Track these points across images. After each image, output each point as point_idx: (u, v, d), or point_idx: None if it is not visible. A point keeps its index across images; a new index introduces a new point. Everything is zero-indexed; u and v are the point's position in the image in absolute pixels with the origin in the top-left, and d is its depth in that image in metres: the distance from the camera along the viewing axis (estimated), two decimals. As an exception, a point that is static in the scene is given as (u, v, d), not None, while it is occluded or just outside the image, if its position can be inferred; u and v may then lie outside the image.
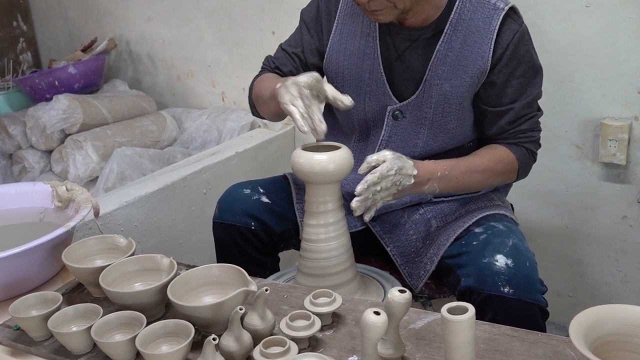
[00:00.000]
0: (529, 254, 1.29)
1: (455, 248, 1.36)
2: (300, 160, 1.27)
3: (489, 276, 1.25)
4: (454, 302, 0.91)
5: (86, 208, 1.38)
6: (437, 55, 1.38)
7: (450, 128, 1.42)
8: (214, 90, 2.72)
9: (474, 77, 1.37)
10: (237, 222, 1.51)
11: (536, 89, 1.41)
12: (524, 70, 1.38)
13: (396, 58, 1.43)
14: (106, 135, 2.41)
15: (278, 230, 1.53)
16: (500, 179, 1.43)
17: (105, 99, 2.58)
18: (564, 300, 2.12)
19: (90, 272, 1.22)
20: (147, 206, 1.91)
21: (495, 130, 1.43)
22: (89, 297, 1.26)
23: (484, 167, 1.39)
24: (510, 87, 1.38)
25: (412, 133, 1.43)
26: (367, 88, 1.45)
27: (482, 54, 1.35)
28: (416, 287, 1.43)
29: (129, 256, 1.25)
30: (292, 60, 1.55)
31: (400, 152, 1.42)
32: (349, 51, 1.47)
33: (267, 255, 1.57)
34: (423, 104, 1.40)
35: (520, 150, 1.43)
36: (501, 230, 1.33)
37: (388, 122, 1.44)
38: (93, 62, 2.72)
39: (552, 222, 2.07)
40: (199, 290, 1.16)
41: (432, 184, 1.34)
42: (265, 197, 1.53)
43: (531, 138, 1.43)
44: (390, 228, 1.48)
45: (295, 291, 1.24)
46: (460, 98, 1.39)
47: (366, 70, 1.45)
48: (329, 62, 1.51)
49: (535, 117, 1.43)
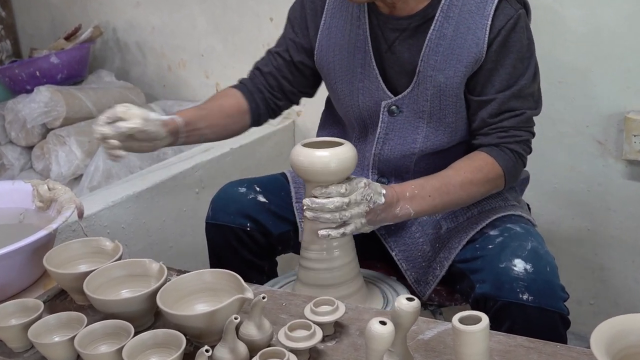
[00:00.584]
0: (549, 258, 1.29)
1: (468, 252, 1.36)
2: (299, 157, 1.27)
3: (507, 282, 1.25)
4: (466, 311, 0.91)
5: (69, 209, 1.38)
6: (429, 44, 1.37)
7: (449, 122, 1.41)
8: (208, 81, 2.71)
9: (469, 66, 1.36)
10: (231, 223, 1.51)
11: (526, 80, 1.37)
12: (514, 60, 1.36)
13: (386, 50, 1.43)
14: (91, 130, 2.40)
15: (276, 231, 1.53)
16: (484, 190, 1.38)
17: (90, 91, 2.58)
18: (585, 308, 2.11)
19: (74, 278, 1.22)
20: (135, 206, 1.91)
21: (477, 123, 1.40)
22: (72, 305, 1.26)
23: (461, 180, 1.33)
24: (498, 77, 1.36)
25: (410, 128, 1.43)
26: (360, 84, 1.46)
27: (476, 40, 1.34)
28: (424, 294, 1.43)
29: (115, 261, 1.25)
30: (273, 59, 1.57)
31: (399, 149, 1.43)
32: (339, 46, 1.48)
33: (264, 259, 1.57)
34: (419, 97, 1.40)
35: (503, 154, 1.37)
36: (518, 232, 1.33)
37: (384, 118, 1.44)
38: (77, 51, 2.71)
39: (572, 224, 2.07)
40: (191, 297, 1.16)
41: (404, 206, 1.29)
42: (262, 196, 1.53)
43: (516, 138, 1.38)
44: (396, 230, 1.48)
45: (295, 299, 1.24)
46: (457, 89, 1.38)
47: (358, 65, 1.45)
48: (320, 59, 1.52)
49: (525, 115, 1.38)
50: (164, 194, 2.00)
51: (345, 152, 1.26)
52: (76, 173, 2.33)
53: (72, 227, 1.68)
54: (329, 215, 1.21)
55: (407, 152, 1.44)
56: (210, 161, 2.16)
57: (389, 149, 1.45)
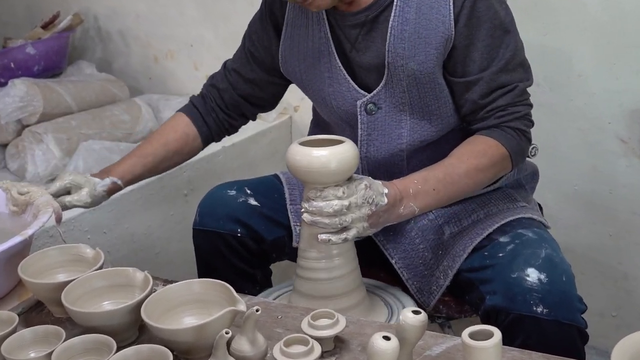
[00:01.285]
0: (565, 266, 1.29)
1: (476, 260, 1.36)
2: (296, 156, 1.27)
3: (519, 293, 1.25)
4: (477, 326, 0.91)
5: (46, 213, 1.38)
6: (392, 32, 1.38)
7: (432, 109, 1.42)
8: (197, 73, 2.71)
9: (440, 47, 1.36)
10: (220, 229, 1.51)
11: (510, 50, 1.37)
12: (488, 30, 1.36)
13: (350, 49, 1.44)
14: (70, 127, 2.41)
15: (269, 237, 1.54)
16: (491, 174, 1.39)
17: (69, 84, 2.58)
18: (607, 321, 2.11)
19: (51, 288, 1.22)
20: (118, 210, 1.91)
21: (469, 106, 1.41)
22: (50, 318, 1.26)
23: (465, 168, 1.35)
24: (476, 52, 1.37)
25: (392, 124, 1.44)
26: (329, 89, 1.47)
27: (442, 18, 1.35)
28: (428, 304, 1.43)
29: (96, 270, 1.25)
30: (229, 75, 1.63)
31: (385, 147, 1.44)
32: (302, 54, 1.50)
33: (256, 267, 1.57)
34: (395, 90, 1.41)
35: (504, 134, 1.39)
36: (531, 238, 1.33)
37: (362, 118, 1.45)
38: (55, 40, 2.71)
39: (592, 229, 2.07)
40: (179, 310, 1.16)
41: (408, 204, 1.30)
42: (253, 199, 1.54)
43: (516, 114, 1.39)
44: (394, 236, 1.48)
45: (291, 311, 1.24)
46: (432, 75, 1.39)
47: (324, 70, 1.47)
48: (286, 71, 1.55)
49: (518, 88, 1.39)
50: (149, 196, 2.01)
51: (345, 150, 1.26)
52: (54, 173, 2.33)
53: (50, 233, 1.69)
54: (327, 220, 1.21)
55: (394, 150, 1.44)
56: (199, 161, 2.16)
57: (375, 149, 1.46)
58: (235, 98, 1.63)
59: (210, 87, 1.66)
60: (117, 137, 2.49)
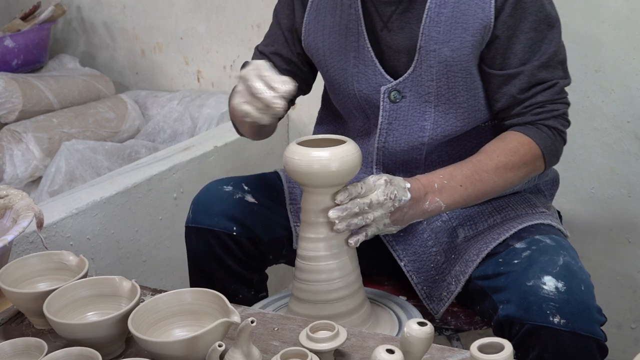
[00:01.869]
0: (584, 275, 1.30)
1: (489, 267, 1.36)
2: (294, 157, 1.27)
3: (535, 303, 1.25)
4: (486, 338, 0.91)
5: (27, 217, 1.38)
6: (429, 14, 1.39)
7: (460, 101, 1.43)
8: (188, 68, 2.72)
9: (477, 34, 1.37)
10: (215, 227, 1.51)
11: (553, 46, 1.39)
12: (533, 23, 1.38)
13: (382, 28, 1.44)
14: (52, 125, 2.42)
15: (266, 237, 1.54)
16: (522, 174, 1.41)
17: (50, 80, 2.58)
18: (626, 333, 2.12)
19: (32, 298, 1.22)
20: (103, 214, 1.92)
21: (505, 101, 1.42)
22: (31, 330, 1.26)
23: (495, 165, 1.36)
24: (519, 44, 1.38)
25: (416, 115, 1.44)
26: (354, 69, 1.47)
27: (482, 5, 1.36)
28: (437, 312, 1.44)
29: (80, 278, 1.25)
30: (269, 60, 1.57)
31: (405, 140, 1.44)
32: (328, 28, 1.49)
33: (252, 270, 1.57)
34: (422, 78, 1.42)
35: (540, 132, 1.40)
36: (549, 245, 1.34)
37: (385, 106, 1.45)
38: (36, 33, 2.72)
39: (610, 235, 2.08)
40: (168, 321, 1.16)
41: (433, 199, 1.32)
42: (251, 197, 1.54)
43: (553, 113, 1.41)
44: (405, 237, 1.49)
45: (289, 323, 1.24)
46: (466, 63, 1.39)
47: (351, 48, 1.47)
48: (308, 45, 1.53)
49: (558, 85, 1.41)
50: (136, 200, 2.01)
51: (347, 151, 1.27)
52: (34, 175, 2.34)
53: (30, 239, 1.69)
54: (356, 220, 1.25)
55: (415, 143, 1.45)
56: (190, 162, 2.16)
57: (394, 140, 1.46)
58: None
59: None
60: (102, 137, 2.50)
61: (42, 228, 1.44)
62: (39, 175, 2.34)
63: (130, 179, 2.03)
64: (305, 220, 1.33)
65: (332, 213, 1.25)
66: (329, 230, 1.30)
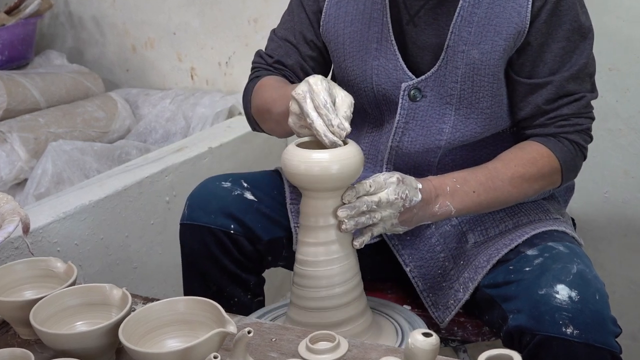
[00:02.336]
0: (599, 284, 1.30)
1: (500, 274, 1.37)
2: (293, 160, 1.27)
3: (547, 312, 1.26)
4: (494, 350, 0.92)
5: (12, 222, 1.38)
6: (461, 13, 1.39)
7: (483, 107, 1.43)
8: (181, 65, 2.72)
9: (509, 39, 1.38)
10: (212, 224, 1.51)
11: (584, 57, 1.41)
12: (567, 32, 1.39)
13: (407, 21, 1.45)
14: (38, 125, 2.42)
15: (265, 237, 1.53)
16: (538, 187, 1.42)
17: (36, 77, 2.59)
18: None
19: (18, 307, 1.22)
20: (92, 219, 1.92)
21: (529, 110, 1.43)
22: (16, 340, 1.27)
23: (511, 175, 1.38)
24: (550, 53, 1.39)
25: (435, 116, 1.45)
26: (375, 62, 1.47)
27: (518, 9, 1.37)
28: (442, 320, 1.44)
29: (68, 286, 1.26)
30: (292, 48, 1.57)
31: (421, 141, 1.44)
32: (350, 15, 1.49)
33: (250, 272, 1.57)
34: (446, 78, 1.42)
35: (560, 145, 1.42)
36: (562, 252, 1.34)
37: (403, 103, 1.45)
38: (21, 27, 2.72)
39: (625, 242, 2.08)
40: (161, 331, 1.16)
41: (444, 203, 1.34)
42: (250, 194, 1.54)
43: (577, 127, 1.43)
44: (412, 242, 1.49)
45: (287, 333, 1.25)
46: (494, 67, 1.40)
47: (373, 39, 1.47)
48: (326, 31, 1.53)
49: (585, 99, 1.42)
50: (127, 203, 2.01)
51: (348, 153, 1.27)
52: (19, 177, 2.34)
53: (15, 244, 1.69)
54: (363, 218, 1.26)
55: (431, 146, 1.45)
56: (183, 163, 2.17)
57: (409, 141, 1.47)
58: (306, 72, 1.57)
59: (276, 65, 1.58)
60: (91, 137, 2.50)
61: (29, 233, 1.45)
62: (25, 177, 2.34)
63: (121, 181, 2.03)
64: (305, 224, 1.33)
65: (341, 212, 1.26)
66: (329, 235, 1.31)
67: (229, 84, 2.66)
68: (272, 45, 1.60)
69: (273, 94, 1.45)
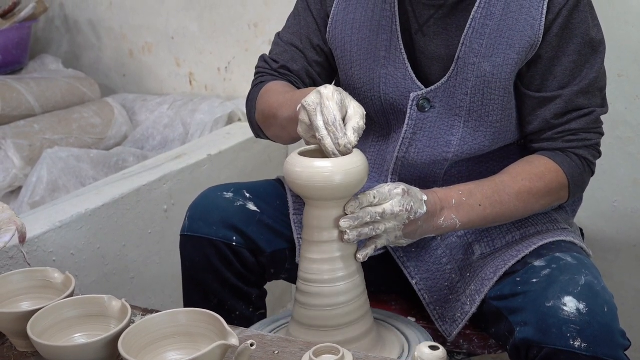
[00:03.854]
0: (608, 296, 1.30)
1: (507, 286, 1.37)
2: (296, 168, 1.28)
3: (555, 325, 1.26)
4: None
5: (9, 231, 1.38)
6: (473, 24, 1.40)
7: (493, 120, 1.44)
8: (179, 70, 2.73)
9: (522, 52, 1.39)
10: (213, 236, 1.51)
11: (594, 72, 1.42)
12: (579, 45, 1.40)
13: (417, 30, 1.45)
14: (33, 131, 2.42)
15: (268, 249, 1.54)
16: (545, 202, 1.43)
17: (31, 82, 2.59)
18: (650, 358, 2.12)
19: (15, 319, 1.22)
20: (88, 228, 1.92)
21: (537, 124, 1.44)
22: (13, 352, 1.27)
23: (518, 189, 1.39)
24: (560, 66, 1.40)
25: (443, 128, 1.45)
26: (383, 70, 1.48)
27: (531, 21, 1.38)
28: (450, 334, 1.44)
29: (66, 297, 1.26)
30: (299, 53, 1.57)
31: (428, 152, 1.45)
32: (359, 22, 1.50)
33: (252, 285, 1.57)
34: (456, 90, 1.43)
35: (569, 161, 1.43)
36: (570, 264, 1.35)
37: (412, 114, 1.46)
38: (15, 31, 2.72)
39: (634, 253, 2.08)
40: (162, 343, 1.17)
41: (449, 216, 1.34)
42: (253, 204, 1.54)
43: (586, 142, 1.44)
44: (418, 254, 1.49)
45: (290, 346, 1.25)
46: (505, 81, 1.41)
47: (381, 47, 1.48)
48: (333, 38, 1.53)
49: (594, 114, 1.43)
50: (124, 212, 2.01)
51: (353, 162, 1.27)
52: (14, 185, 2.34)
53: (10, 254, 1.69)
54: (367, 229, 1.27)
55: (438, 158, 1.46)
56: (182, 171, 2.17)
57: (416, 152, 1.47)
58: (312, 78, 1.58)
59: (282, 70, 1.57)
60: (87, 143, 2.51)
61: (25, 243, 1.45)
62: (19, 185, 2.34)
63: (118, 189, 2.03)
64: (307, 238, 1.33)
65: (343, 222, 1.27)
66: (333, 250, 1.31)
67: (229, 90, 2.66)
68: (277, 49, 1.60)
69: (279, 98, 1.45)
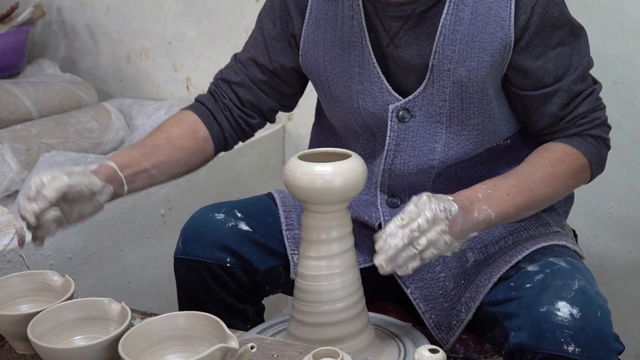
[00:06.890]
0: (601, 301, 1.31)
1: (501, 292, 1.38)
2: (296, 173, 1.29)
3: (548, 330, 1.27)
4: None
5: (8, 234, 1.39)
6: (443, 32, 1.41)
7: (474, 123, 1.45)
8: (176, 75, 2.73)
9: (496, 54, 1.40)
10: (207, 258, 1.52)
11: (583, 56, 1.44)
12: (562, 37, 1.41)
13: (388, 43, 1.46)
14: (30, 135, 2.42)
15: (262, 267, 1.55)
16: (570, 184, 1.45)
17: (28, 86, 2.59)
18: (645, 363, 2.13)
19: (14, 321, 1.23)
20: (85, 232, 1.92)
21: (547, 120, 1.45)
22: (12, 355, 1.27)
23: (541, 175, 1.39)
24: (550, 61, 1.41)
25: (426, 136, 1.46)
26: (359, 86, 1.49)
27: (501, 22, 1.38)
28: (446, 342, 1.45)
29: (66, 300, 1.26)
30: (242, 68, 1.59)
31: (414, 162, 1.46)
32: (329, 42, 1.51)
33: (247, 302, 1.58)
34: (434, 97, 1.44)
35: (584, 142, 1.44)
36: (563, 268, 1.35)
37: (393, 125, 1.46)
38: (13, 35, 2.72)
39: (629, 258, 2.09)
40: (161, 346, 1.17)
41: (481, 208, 1.32)
42: (244, 224, 1.55)
43: (596, 121, 1.45)
44: None
45: (289, 349, 1.25)
46: (482, 84, 1.42)
47: (354, 63, 1.49)
48: (306, 60, 1.54)
49: (594, 92, 1.46)
50: (121, 216, 2.02)
51: (351, 167, 1.29)
52: (10, 189, 2.33)
53: (7, 257, 1.69)
54: (405, 254, 1.23)
55: (424, 166, 1.47)
56: (179, 176, 2.17)
57: (402, 162, 1.48)
58: (253, 92, 1.59)
59: (220, 82, 1.61)
60: (84, 148, 2.50)
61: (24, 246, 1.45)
62: (16, 189, 2.34)
63: (115, 194, 2.03)
64: (306, 238, 1.35)
65: (377, 259, 1.23)
66: (331, 249, 1.33)
67: (225, 95, 2.66)
68: (228, 64, 1.64)
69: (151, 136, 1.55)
